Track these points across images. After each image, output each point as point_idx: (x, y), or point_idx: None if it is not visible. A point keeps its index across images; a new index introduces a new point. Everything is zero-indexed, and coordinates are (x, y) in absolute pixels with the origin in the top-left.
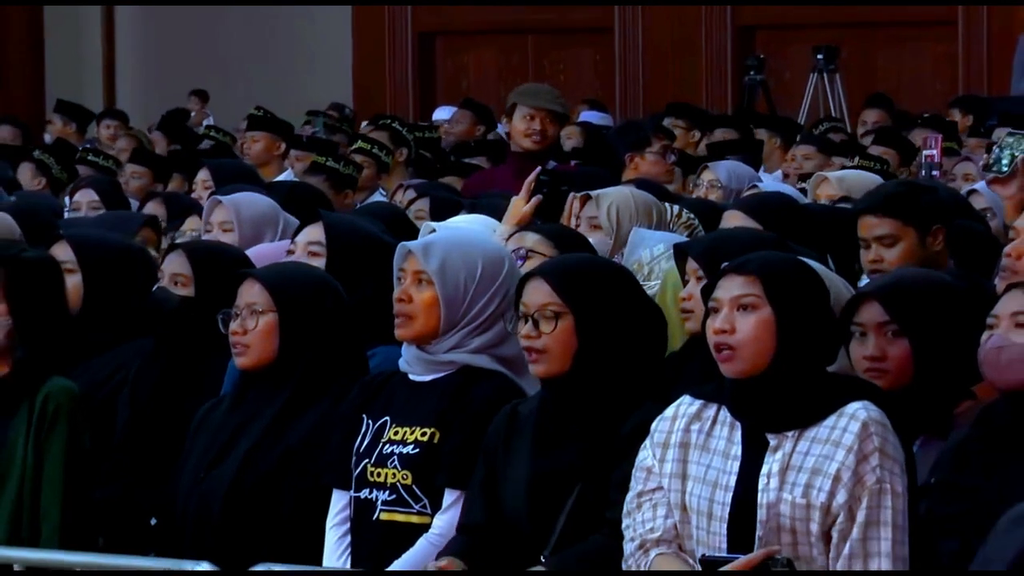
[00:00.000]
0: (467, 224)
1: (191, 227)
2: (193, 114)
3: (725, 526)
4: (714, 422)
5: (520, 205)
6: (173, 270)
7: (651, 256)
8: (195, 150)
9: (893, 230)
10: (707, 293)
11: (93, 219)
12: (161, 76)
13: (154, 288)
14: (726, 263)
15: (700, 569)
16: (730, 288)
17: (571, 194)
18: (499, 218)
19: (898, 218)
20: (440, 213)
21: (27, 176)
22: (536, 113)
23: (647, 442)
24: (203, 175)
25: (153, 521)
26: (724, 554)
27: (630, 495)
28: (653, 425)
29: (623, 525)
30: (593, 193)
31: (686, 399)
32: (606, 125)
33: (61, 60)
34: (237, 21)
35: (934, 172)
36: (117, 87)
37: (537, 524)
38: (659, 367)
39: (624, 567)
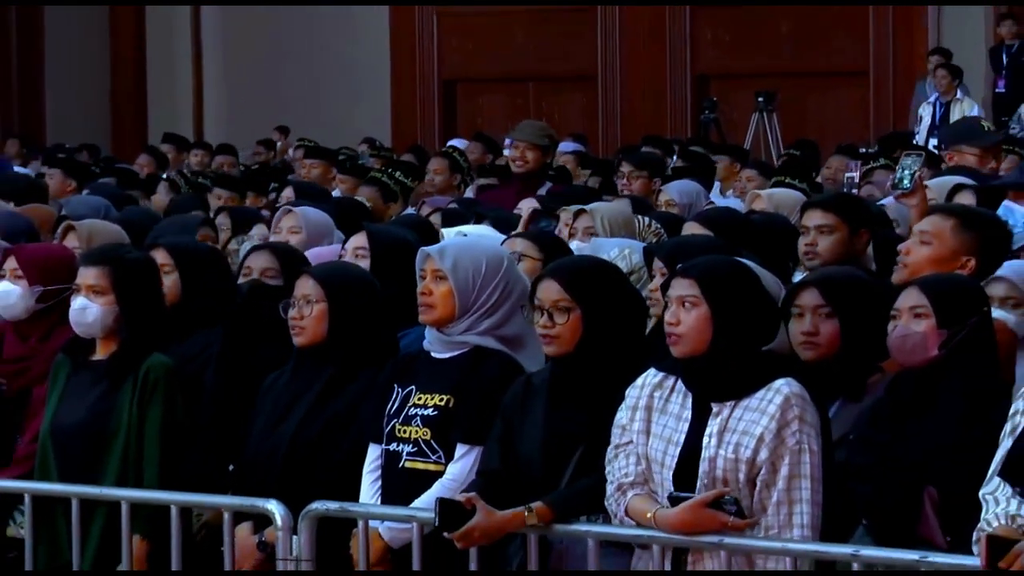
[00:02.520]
0: (472, 230)
1: (258, 233)
2: (279, 144)
3: (672, 473)
4: (672, 390)
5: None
6: (263, 265)
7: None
8: (267, 173)
9: (831, 222)
10: (664, 290)
11: (165, 223)
12: (239, 113)
13: (239, 283)
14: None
15: (669, 504)
16: (676, 288)
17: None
18: (504, 228)
19: (838, 214)
20: (449, 223)
21: (162, 192)
22: (519, 144)
23: (622, 405)
24: (288, 192)
25: (231, 467)
26: (685, 493)
27: (609, 448)
28: (627, 391)
29: (605, 471)
30: (587, 208)
31: (651, 371)
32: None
33: (161, 102)
34: (299, 70)
35: (853, 190)
36: (204, 123)
37: (548, 472)
38: (642, 346)
39: (606, 504)
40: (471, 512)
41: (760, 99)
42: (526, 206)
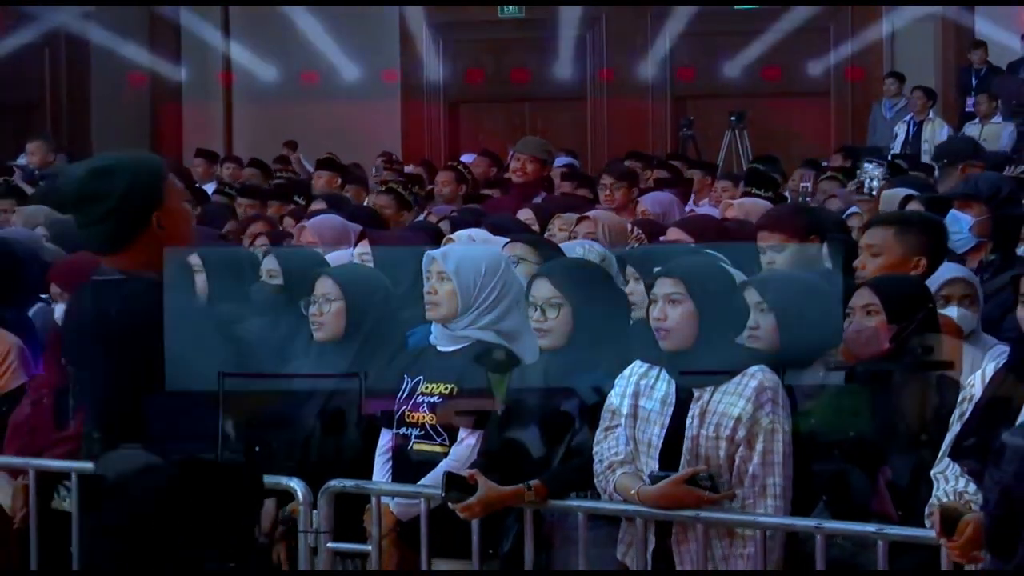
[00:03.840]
0: (471, 234)
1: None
2: (292, 160)
3: (658, 452)
4: (657, 379)
5: None
6: (267, 267)
7: None
8: (291, 185)
9: (779, 241)
10: (648, 290)
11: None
12: (263, 131)
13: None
14: (658, 268)
15: (650, 483)
16: (662, 287)
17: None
18: (506, 231)
19: (783, 233)
20: (456, 228)
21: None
22: (521, 157)
23: (611, 392)
24: (317, 204)
25: (257, 449)
26: (665, 472)
27: (599, 429)
28: (616, 380)
29: (594, 451)
30: (590, 214)
31: (637, 363)
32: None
33: (195, 122)
34: (319, 92)
35: (807, 198)
36: (234, 138)
37: (542, 454)
38: (625, 341)
39: (596, 481)
40: (474, 487)
41: (732, 118)
42: (524, 215)
